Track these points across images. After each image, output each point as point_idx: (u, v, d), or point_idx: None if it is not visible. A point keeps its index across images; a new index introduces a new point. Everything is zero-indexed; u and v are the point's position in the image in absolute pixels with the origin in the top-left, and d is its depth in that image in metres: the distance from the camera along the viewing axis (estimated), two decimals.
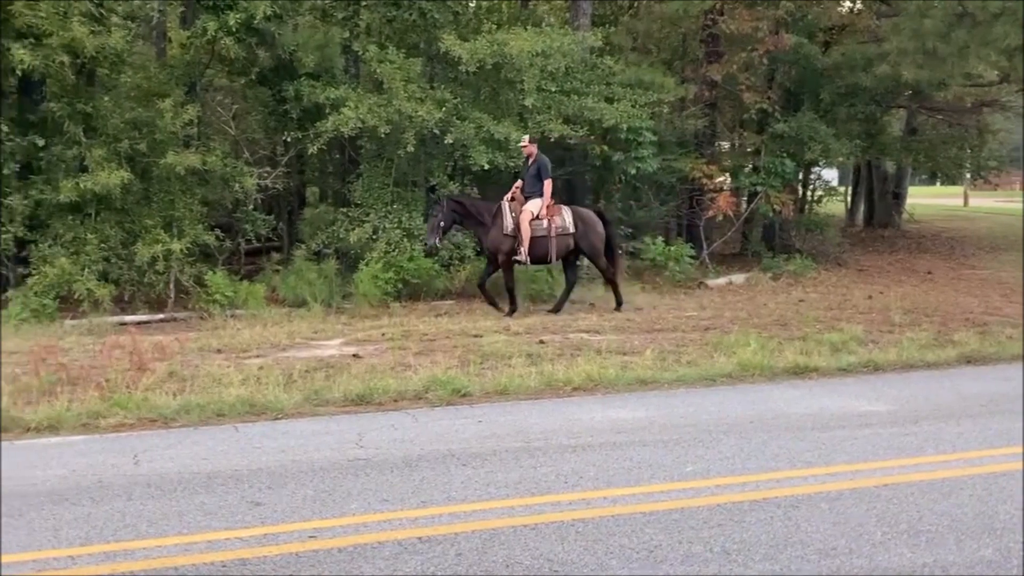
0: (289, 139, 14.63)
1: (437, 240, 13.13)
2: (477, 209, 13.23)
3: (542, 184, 12.97)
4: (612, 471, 6.05)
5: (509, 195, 13.29)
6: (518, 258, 12.96)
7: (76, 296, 12.49)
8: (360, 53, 14.67)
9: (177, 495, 5.60)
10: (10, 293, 12.65)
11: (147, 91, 14.01)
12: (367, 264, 13.80)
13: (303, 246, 14.59)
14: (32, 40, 12.47)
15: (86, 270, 12.53)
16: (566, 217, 13.23)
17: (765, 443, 6.77)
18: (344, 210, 14.78)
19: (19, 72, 12.72)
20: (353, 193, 14.76)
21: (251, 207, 14.66)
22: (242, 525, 5.07)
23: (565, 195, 17.14)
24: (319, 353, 10.36)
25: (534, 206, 12.96)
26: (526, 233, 12.82)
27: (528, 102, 14.03)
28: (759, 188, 18.41)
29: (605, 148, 15.86)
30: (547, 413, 7.80)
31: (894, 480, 5.87)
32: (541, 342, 10.84)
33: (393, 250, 14.02)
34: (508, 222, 12.97)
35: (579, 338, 11.19)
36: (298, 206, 18.00)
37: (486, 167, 14.06)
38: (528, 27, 14.83)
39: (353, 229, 14.11)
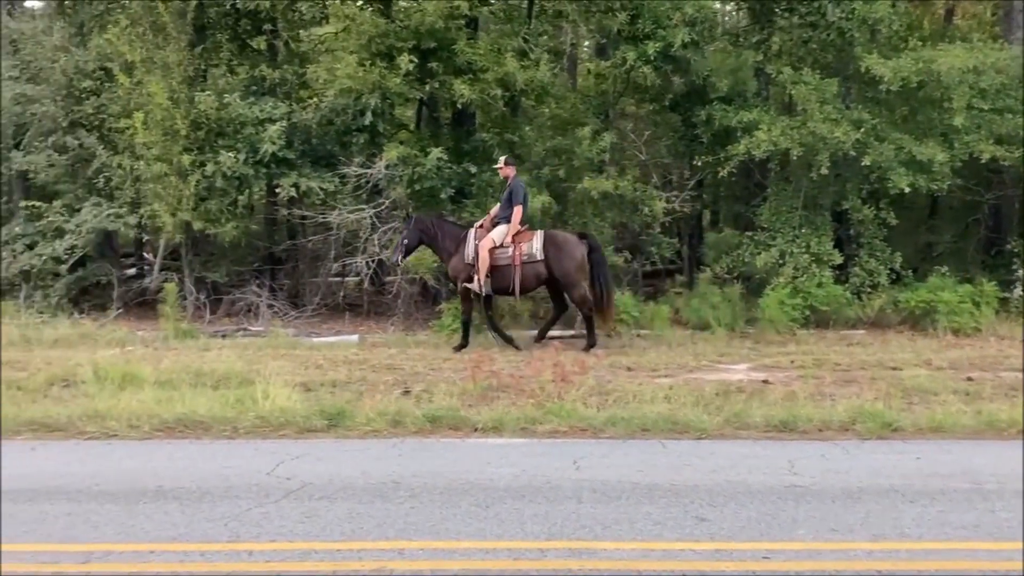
0: (700, 163, 14.80)
1: (399, 259, 12.61)
2: (443, 233, 12.46)
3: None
4: None
5: (479, 222, 12.46)
6: (471, 286, 12.05)
7: (499, 310, 13.44)
8: (773, 75, 14.54)
9: (622, 502, 5.83)
10: (443, 305, 13.90)
11: (565, 120, 14.82)
12: (773, 289, 13.57)
13: (707, 269, 14.67)
14: (470, 76, 13.66)
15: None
16: (535, 244, 12.06)
17: None
18: (749, 234, 14.66)
19: (458, 105, 14.04)
20: (759, 216, 14.61)
21: (658, 230, 14.99)
22: (692, 538, 5.17)
23: (991, 221, 15.81)
24: (727, 376, 10.36)
25: (498, 234, 12.02)
26: (483, 262, 11.87)
27: (957, 121, 13.07)
28: None
29: None
30: (994, 455, 7.21)
31: None
32: (969, 379, 10.07)
33: (801, 275, 13.67)
34: (470, 250, 12.08)
35: (1014, 377, 10.22)
36: (697, 229, 18.17)
37: (906, 190, 13.31)
38: (956, 42, 13.86)
39: (759, 253, 13.94)
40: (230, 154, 13.85)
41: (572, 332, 13.67)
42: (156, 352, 11.70)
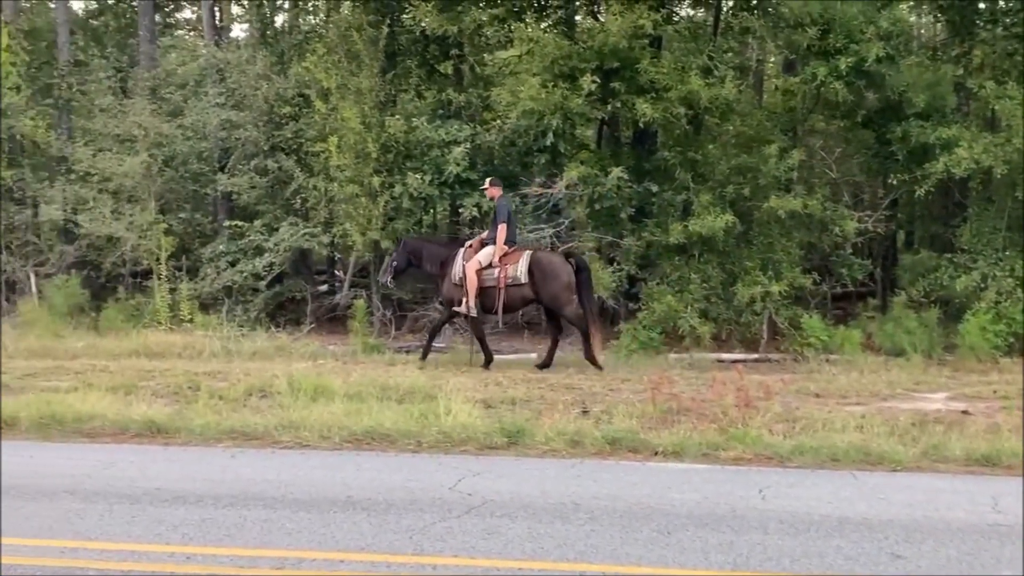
0: (895, 181, 14.15)
1: (388, 280, 13.13)
2: (430, 254, 12.68)
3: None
4: None
5: (470, 243, 12.45)
6: (459, 309, 12.09)
7: (679, 332, 13.26)
8: (974, 90, 13.80)
9: (811, 535, 5.59)
10: (621, 325, 13.84)
11: (750, 138, 14.52)
12: (974, 314, 12.82)
13: (902, 292, 14.01)
14: (653, 94, 13.58)
15: (689, 308, 13.25)
16: (520, 267, 11.95)
17: None
18: (948, 256, 13.95)
19: (640, 124, 13.99)
20: (959, 238, 13.88)
21: (849, 251, 14.44)
22: None
23: None
24: (923, 406, 9.83)
25: (484, 255, 12.02)
26: (471, 284, 11.90)
27: None
28: None
29: None
30: None
31: None
32: None
33: (1005, 300, 12.89)
34: (457, 271, 12.13)
35: None
36: (891, 250, 17.39)
37: None
38: None
39: (959, 276, 13.23)
40: (417, 175, 14.30)
41: (756, 356, 13.34)
42: (345, 366, 12.16)
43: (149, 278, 16.41)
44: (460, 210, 14.91)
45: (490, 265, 12.05)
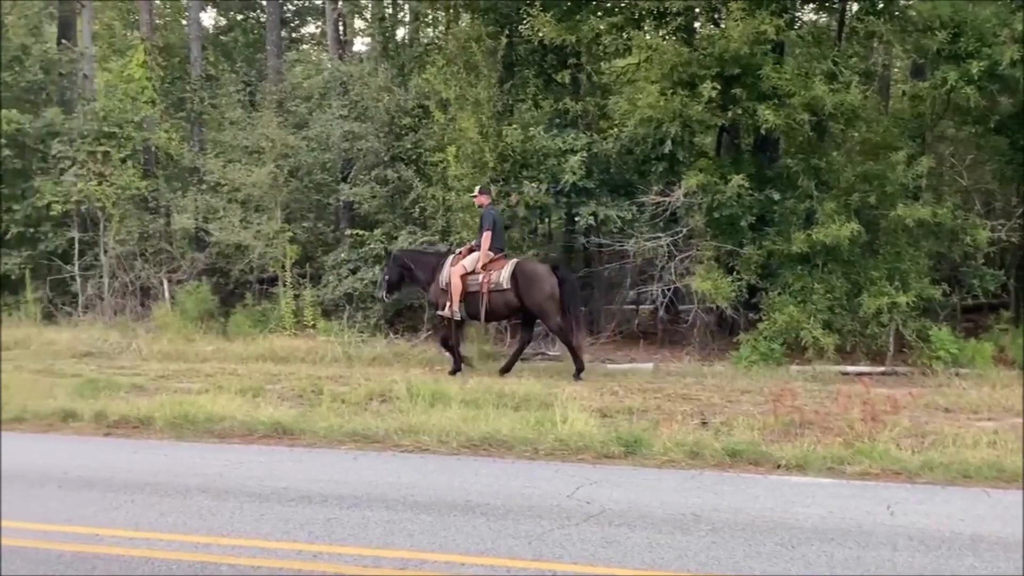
0: None
1: (383, 295, 13.44)
2: (420, 263, 13.02)
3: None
4: None
5: (459, 251, 12.75)
6: (443, 313, 12.41)
7: (802, 343, 12.94)
8: None
9: (942, 552, 5.41)
10: (741, 336, 13.59)
11: (877, 144, 14.08)
12: None
13: None
14: (775, 101, 13.31)
15: (812, 318, 12.90)
16: (503, 273, 12.22)
17: None
18: None
19: (763, 131, 13.73)
20: None
21: (980, 261, 13.86)
22: None
23: None
24: None
25: (469, 261, 12.38)
26: (455, 288, 12.22)
27: None
28: None
29: None
30: None
31: None
32: None
33: None
34: (444, 276, 12.45)
35: None
36: None
37: None
38: None
39: None
40: (533, 184, 14.36)
41: (882, 369, 12.92)
42: (462, 373, 12.29)
43: (275, 285, 16.92)
44: (576, 219, 14.89)
45: (474, 271, 12.34)
